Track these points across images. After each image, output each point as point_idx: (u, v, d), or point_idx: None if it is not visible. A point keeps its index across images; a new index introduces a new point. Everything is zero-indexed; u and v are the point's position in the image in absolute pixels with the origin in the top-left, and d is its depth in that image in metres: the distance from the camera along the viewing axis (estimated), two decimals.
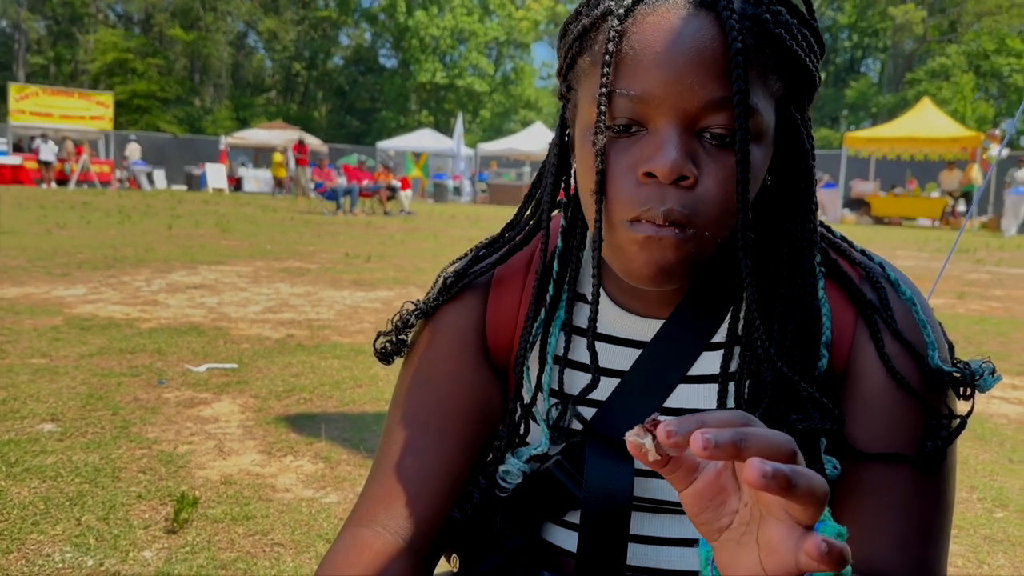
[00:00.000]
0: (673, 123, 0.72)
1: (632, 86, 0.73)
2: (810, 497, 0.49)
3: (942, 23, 41.66)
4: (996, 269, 10.24)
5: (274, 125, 32.48)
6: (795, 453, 0.52)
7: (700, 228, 0.74)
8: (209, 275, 7.21)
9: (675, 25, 0.72)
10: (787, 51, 0.74)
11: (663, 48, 0.71)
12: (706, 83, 0.71)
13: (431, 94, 44.28)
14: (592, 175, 0.77)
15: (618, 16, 0.73)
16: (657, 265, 0.75)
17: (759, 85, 0.73)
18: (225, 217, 14.24)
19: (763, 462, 0.47)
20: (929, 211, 20.31)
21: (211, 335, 4.77)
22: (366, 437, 3.17)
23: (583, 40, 0.79)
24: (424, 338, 0.97)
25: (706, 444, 0.49)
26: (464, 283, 0.95)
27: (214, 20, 42.58)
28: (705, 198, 0.73)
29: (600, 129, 0.74)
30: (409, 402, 0.95)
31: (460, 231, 13.76)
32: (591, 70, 0.78)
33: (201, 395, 3.60)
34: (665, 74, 0.71)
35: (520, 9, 46.78)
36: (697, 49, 0.71)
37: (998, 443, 3.38)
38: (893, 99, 39.18)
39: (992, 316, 6.53)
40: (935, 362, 0.84)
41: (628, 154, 0.75)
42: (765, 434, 0.52)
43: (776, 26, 0.73)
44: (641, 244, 0.75)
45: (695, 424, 0.51)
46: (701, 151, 0.74)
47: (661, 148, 0.72)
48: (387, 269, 8.22)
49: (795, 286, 0.83)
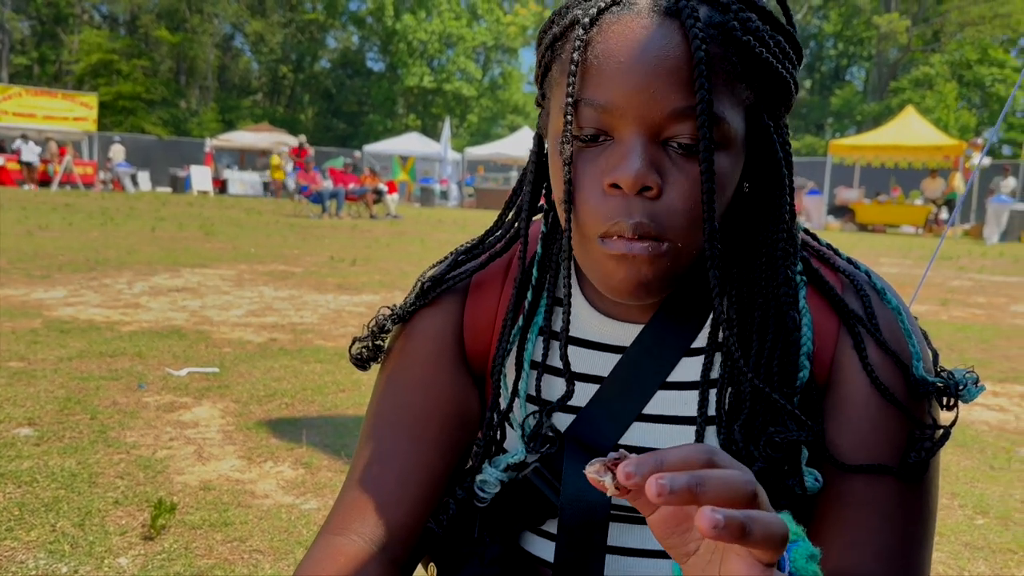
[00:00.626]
0: (637, 133, 0.72)
1: (597, 96, 0.72)
2: (767, 543, 0.49)
3: (926, 33, 42.04)
4: (978, 276, 10.32)
5: (260, 128, 32.38)
6: (755, 496, 0.52)
7: (673, 240, 0.74)
8: (192, 278, 7.16)
9: (639, 34, 0.71)
10: (757, 58, 0.73)
11: (627, 57, 0.71)
12: (670, 92, 0.70)
13: (418, 98, 44.25)
14: (561, 185, 0.76)
15: (583, 25, 0.73)
16: (634, 282, 0.75)
17: (726, 93, 0.72)
18: (209, 220, 14.17)
19: (715, 512, 0.47)
20: (913, 218, 20.46)
21: (193, 339, 4.73)
22: (348, 443, 3.14)
23: (554, 48, 0.79)
24: (401, 343, 0.96)
25: (660, 491, 0.48)
26: (442, 288, 0.94)
27: (200, 22, 42.39)
28: (672, 208, 0.73)
29: (567, 139, 0.74)
30: (386, 408, 0.94)
31: (447, 235, 13.74)
32: (560, 79, 0.77)
33: (181, 399, 3.56)
34: (629, 83, 0.71)
35: (508, 14, 46.87)
36: (660, 58, 0.70)
37: (979, 450, 3.40)
38: (877, 107, 39.48)
39: (974, 323, 6.58)
40: (919, 372, 0.83)
41: (595, 164, 0.75)
42: (723, 477, 0.51)
43: (744, 33, 0.72)
44: (617, 261, 0.74)
45: (653, 466, 0.51)
46: (667, 161, 0.73)
47: (625, 158, 0.72)
48: (372, 273, 8.19)
49: (771, 295, 0.82)
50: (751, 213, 0.84)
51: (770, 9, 0.78)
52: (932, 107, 34.31)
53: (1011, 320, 6.83)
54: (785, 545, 0.51)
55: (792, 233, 0.83)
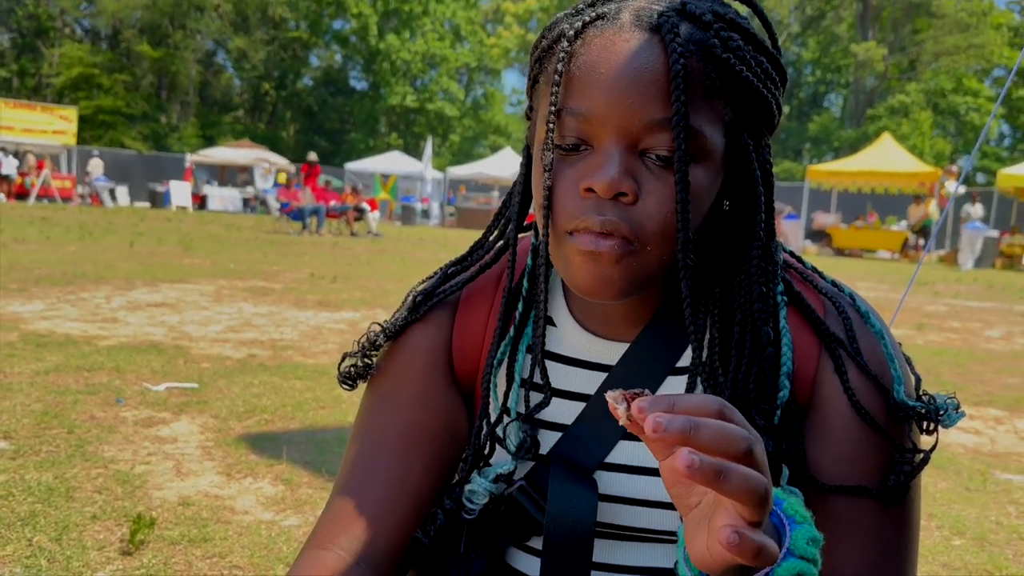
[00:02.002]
0: (615, 141, 0.73)
1: (578, 105, 0.74)
2: (745, 495, 0.51)
3: (902, 61, 42.76)
4: (953, 301, 10.46)
5: (241, 144, 32.26)
6: (749, 451, 0.53)
7: (643, 243, 0.75)
8: (170, 293, 7.11)
9: (620, 47, 0.73)
10: (736, 76, 0.75)
11: (607, 69, 0.73)
12: (648, 104, 0.72)
13: (401, 117, 44.33)
14: (540, 190, 0.78)
15: (568, 38, 0.75)
16: (600, 278, 0.76)
17: (703, 108, 0.74)
18: (188, 235, 14.07)
19: (692, 453, 0.49)
20: (889, 244, 20.70)
21: (171, 354, 4.69)
22: (328, 459, 3.12)
23: (542, 61, 0.81)
24: (390, 357, 0.96)
25: (656, 427, 0.51)
26: (433, 303, 0.95)
27: (183, 38, 42.31)
28: (646, 214, 0.74)
29: (548, 146, 0.76)
30: (374, 422, 0.94)
31: (428, 254, 13.74)
32: (545, 90, 0.79)
33: (160, 415, 3.53)
34: (608, 94, 0.72)
35: (491, 36, 47.18)
36: (640, 70, 0.72)
37: (955, 472, 3.43)
38: (854, 134, 40.01)
39: (950, 347, 6.66)
40: (900, 396, 0.84)
41: (573, 170, 0.76)
42: (720, 427, 0.53)
43: (724, 51, 0.74)
44: (583, 256, 0.76)
45: (665, 407, 0.53)
46: (644, 170, 0.74)
47: (602, 165, 0.73)
48: (353, 290, 8.17)
49: (748, 312, 0.83)
50: (731, 231, 0.85)
51: (754, 31, 0.80)
52: (908, 134, 34.84)
53: (985, 345, 6.92)
54: (768, 505, 0.53)
55: (768, 251, 0.84)
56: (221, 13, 43.90)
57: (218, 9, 43.63)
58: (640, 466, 0.89)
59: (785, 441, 0.85)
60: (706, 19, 0.74)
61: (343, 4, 41.09)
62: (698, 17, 0.74)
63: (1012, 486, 3.29)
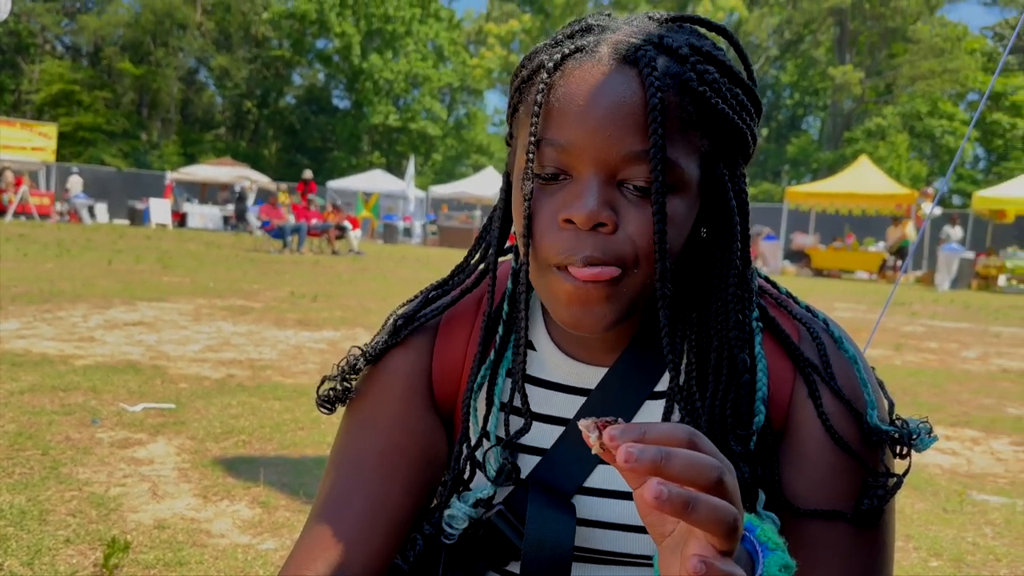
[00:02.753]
0: (594, 172, 0.74)
1: (557, 136, 0.75)
2: (714, 525, 0.52)
3: (879, 85, 43.40)
4: (930, 322, 10.56)
5: (222, 162, 32.17)
6: (719, 480, 0.54)
7: (627, 267, 0.76)
8: (149, 312, 7.05)
9: (599, 80, 0.74)
10: (712, 109, 0.76)
11: (586, 101, 0.74)
12: (625, 136, 0.73)
13: (383, 136, 44.37)
14: (521, 219, 0.79)
15: (547, 70, 0.76)
16: (587, 314, 0.77)
17: (680, 140, 0.75)
18: (167, 253, 13.98)
19: (661, 483, 0.50)
20: (867, 264, 20.89)
21: (148, 374, 4.64)
22: (306, 482, 3.10)
23: (522, 91, 0.82)
24: (370, 381, 0.95)
25: (627, 457, 0.52)
26: (413, 327, 0.95)
27: (165, 55, 42.18)
28: (625, 242, 0.75)
29: (528, 175, 0.77)
30: (352, 446, 0.93)
31: (410, 272, 13.72)
32: (525, 119, 0.81)
33: (136, 436, 3.49)
34: (587, 126, 0.73)
35: (474, 57, 47.43)
36: (617, 103, 0.73)
37: (932, 493, 3.46)
38: (832, 156, 40.48)
39: (927, 368, 6.72)
40: (873, 421, 0.85)
41: (553, 200, 0.77)
42: (690, 457, 0.53)
43: (700, 84, 0.75)
44: (570, 294, 0.77)
45: (636, 436, 0.54)
46: (623, 200, 0.76)
47: (581, 196, 0.74)
48: (334, 309, 8.14)
49: (724, 339, 0.84)
50: (708, 258, 0.86)
51: (730, 63, 0.81)
52: (885, 156, 35.30)
53: (962, 365, 6.99)
54: (737, 535, 0.53)
55: (744, 278, 0.85)
56: (203, 31, 43.88)
57: (200, 27, 43.62)
58: (618, 490, 0.90)
59: (761, 466, 0.85)
60: (683, 52, 0.76)
61: (326, 24, 41.19)
62: (675, 50, 0.76)
63: (988, 507, 3.31)
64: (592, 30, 0.81)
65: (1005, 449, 4.24)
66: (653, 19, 0.83)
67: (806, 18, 44.25)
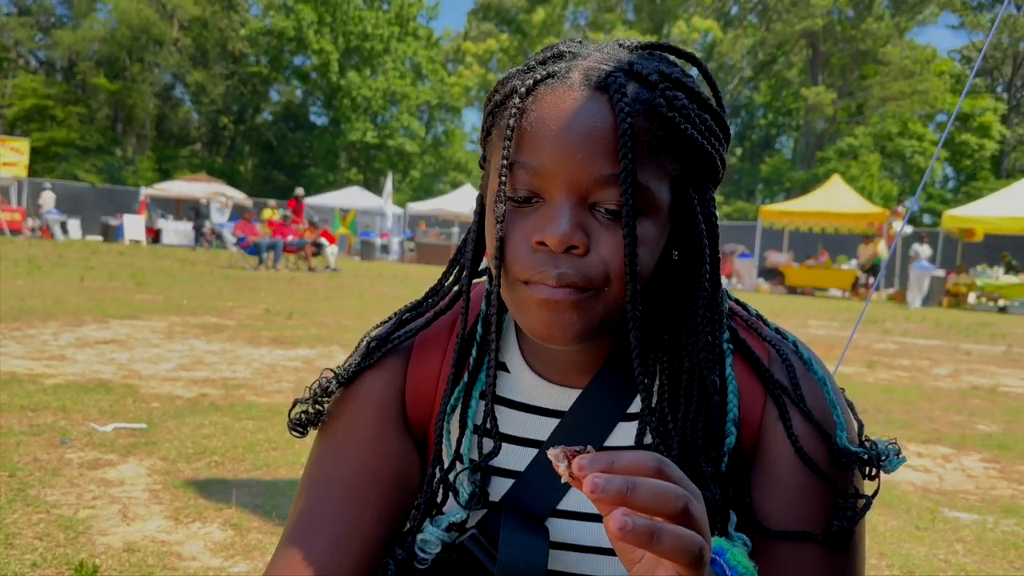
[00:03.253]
0: (566, 196, 0.76)
1: (530, 159, 0.76)
2: (679, 555, 0.53)
3: (851, 106, 44.07)
4: (902, 340, 10.68)
5: (197, 178, 31.95)
6: (685, 510, 0.55)
7: (598, 287, 0.77)
8: (121, 330, 6.96)
9: (570, 105, 0.76)
10: (681, 134, 0.77)
11: (558, 126, 0.75)
12: (596, 160, 0.74)
13: (361, 153, 44.33)
14: (494, 241, 0.80)
15: (520, 95, 0.78)
16: (556, 324, 0.78)
17: (650, 165, 0.76)
18: (141, 270, 13.84)
19: (625, 515, 0.51)
20: (840, 282, 21.13)
21: (120, 393, 4.58)
22: (279, 503, 3.07)
23: (495, 115, 0.84)
24: (342, 404, 0.95)
25: (594, 488, 0.53)
26: (387, 349, 0.95)
27: (141, 71, 41.94)
28: (597, 265, 0.76)
29: (501, 198, 0.78)
30: (324, 469, 0.93)
31: (387, 289, 13.67)
32: (498, 143, 0.82)
33: (106, 456, 3.44)
34: (559, 150, 0.75)
35: (452, 75, 47.60)
36: (588, 129, 0.74)
37: (905, 510, 3.48)
38: (805, 175, 40.96)
39: (899, 385, 6.79)
40: (843, 442, 0.85)
41: (526, 222, 0.78)
42: (656, 487, 0.54)
43: (669, 110, 0.77)
44: (540, 304, 0.78)
45: (604, 466, 0.55)
46: (594, 223, 0.77)
47: (553, 219, 0.75)
48: (309, 327, 8.08)
49: (695, 361, 0.85)
50: (679, 280, 0.87)
51: (699, 89, 0.83)
52: (857, 176, 35.79)
53: (934, 383, 7.07)
54: (703, 563, 0.54)
55: (714, 300, 0.86)
56: (180, 47, 43.71)
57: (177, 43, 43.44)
58: (592, 513, 0.90)
59: (732, 487, 0.86)
60: (652, 79, 0.77)
61: (304, 41, 41.17)
62: (644, 77, 0.77)
63: (960, 524, 3.34)
64: (564, 56, 0.82)
65: (976, 466, 4.28)
66: (624, 47, 0.84)
67: (779, 40, 44.89)
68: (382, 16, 42.79)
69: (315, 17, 40.97)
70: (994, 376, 7.70)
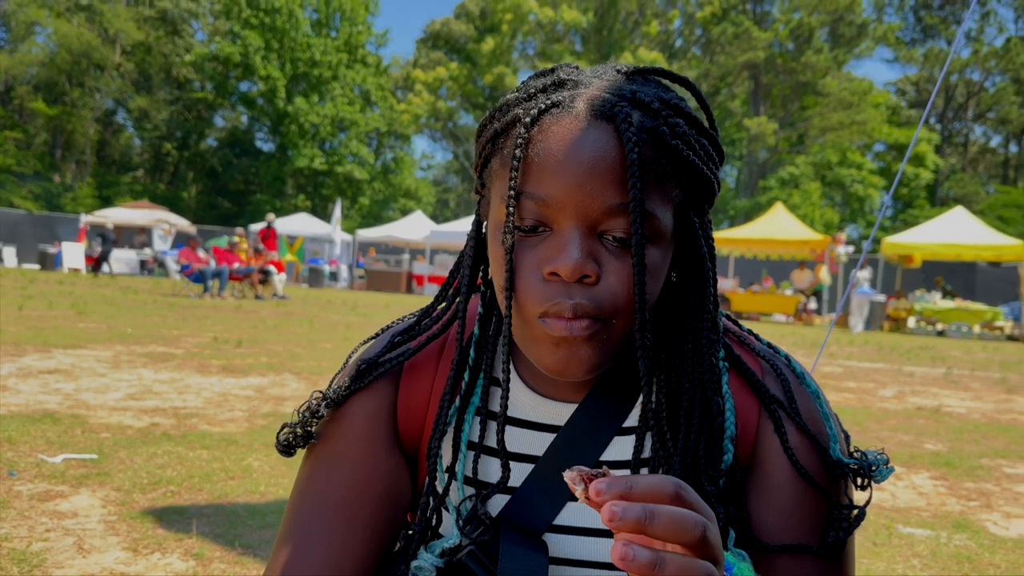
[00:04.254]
0: (576, 225, 0.76)
1: (538, 190, 0.76)
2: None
3: (791, 136, 45.31)
4: (847, 363, 10.93)
5: (140, 204, 31.33)
6: (703, 539, 0.55)
7: (610, 318, 0.77)
8: (65, 359, 6.76)
9: (577, 135, 0.76)
10: (684, 161, 0.79)
11: (566, 156, 0.75)
12: (605, 190, 0.75)
13: (309, 179, 43.97)
14: (502, 272, 0.80)
15: (525, 124, 0.77)
16: (575, 361, 0.78)
17: (656, 192, 0.77)
18: (82, 298, 13.46)
19: (627, 545, 0.53)
20: (784, 307, 21.58)
21: (67, 423, 4.44)
22: (241, 532, 3.00)
23: (495, 143, 0.83)
24: (332, 423, 0.94)
25: (612, 517, 0.53)
26: (380, 372, 0.94)
27: (81, 96, 41.12)
28: (609, 293, 0.77)
29: (509, 229, 0.78)
30: (314, 488, 0.92)
31: (337, 316, 13.52)
32: (501, 172, 0.81)
33: (57, 488, 3.32)
34: (568, 180, 0.75)
35: (402, 103, 47.67)
36: (597, 159, 0.75)
37: (862, 528, 3.55)
38: (749, 203, 41.89)
39: (847, 407, 6.94)
40: (836, 454, 0.87)
41: (535, 252, 0.79)
42: (673, 515, 0.55)
43: (673, 138, 0.78)
44: (556, 342, 0.78)
45: (622, 491, 0.55)
46: (604, 251, 0.77)
47: (564, 249, 0.76)
48: (259, 355, 7.95)
49: (697, 382, 0.86)
50: (677, 301, 0.88)
51: (695, 114, 0.85)
52: (799, 204, 36.73)
53: (880, 404, 7.24)
54: None
55: (715, 322, 0.88)
56: (122, 72, 43.00)
57: (119, 68, 42.73)
58: (590, 527, 0.91)
59: (731, 504, 0.87)
60: (655, 107, 0.78)
61: (251, 67, 40.83)
62: (647, 105, 0.78)
63: (915, 539, 3.42)
64: (565, 84, 0.82)
65: (926, 483, 4.39)
66: (621, 72, 0.85)
67: (722, 72, 46.04)
68: (330, 43, 42.74)
69: (262, 43, 40.70)
70: (937, 397, 7.92)
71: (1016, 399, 8.07)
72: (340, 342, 9.50)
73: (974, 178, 45.57)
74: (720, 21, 46.25)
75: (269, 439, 4.34)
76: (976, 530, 3.59)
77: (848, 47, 45.14)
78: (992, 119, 46.12)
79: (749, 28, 44.54)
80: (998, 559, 3.23)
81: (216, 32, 44.25)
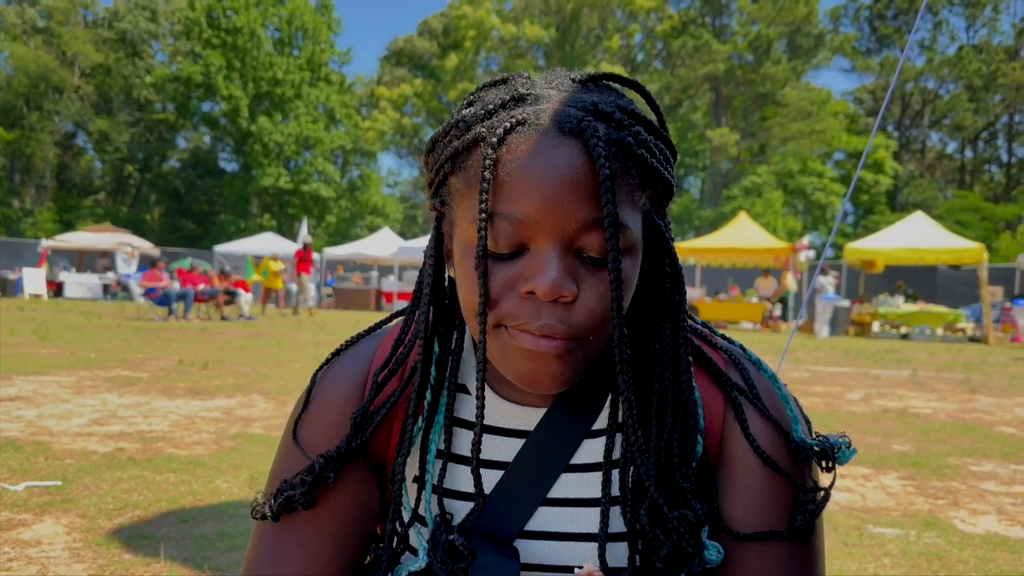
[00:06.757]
0: (552, 244, 0.76)
1: (512, 210, 0.75)
2: None
3: (753, 146, 45.94)
4: (814, 368, 11.05)
5: (102, 228, 30.84)
6: None
7: (584, 336, 0.77)
8: (26, 386, 6.62)
9: (547, 152, 0.75)
10: (649, 168, 0.79)
11: (539, 175, 0.75)
12: (580, 206, 0.75)
13: (274, 198, 43.65)
14: (475, 293, 0.79)
15: (492, 145, 0.76)
16: (547, 374, 0.78)
17: (627, 203, 0.78)
18: (44, 324, 13.21)
19: None
20: (750, 315, 21.78)
21: (30, 450, 4.34)
22: (210, 555, 2.94)
23: (455, 161, 0.81)
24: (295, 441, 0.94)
25: None
26: (378, 420, 0.92)
27: (40, 119, 40.53)
28: (585, 311, 0.77)
29: (481, 252, 0.76)
30: None
31: (306, 336, 13.40)
32: (466, 192, 0.80)
33: (20, 516, 3.25)
34: (543, 199, 0.74)
35: (367, 120, 47.58)
36: (569, 176, 0.74)
37: (832, 528, 3.58)
38: (713, 213, 42.33)
39: (815, 411, 7.01)
40: (799, 435, 0.89)
41: (510, 271, 0.78)
42: None
43: (638, 147, 0.78)
44: (523, 353, 0.77)
45: None
46: (580, 268, 0.77)
47: (542, 269, 0.75)
48: (226, 376, 7.85)
49: (672, 380, 0.86)
50: (643, 302, 0.89)
51: (649, 118, 0.85)
52: (762, 213, 37.19)
53: (847, 407, 7.33)
54: None
55: (685, 322, 0.89)
56: (82, 95, 42.47)
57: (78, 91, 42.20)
58: (561, 532, 0.90)
59: (703, 499, 0.88)
60: (617, 117, 0.78)
61: (213, 87, 40.52)
62: (610, 115, 0.78)
63: (885, 539, 3.46)
64: (526, 99, 0.81)
65: (894, 483, 4.45)
66: (575, 81, 0.85)
67: (684, 84, 46.60)
68: (293, 62, 42.58)
69: (224, 63, 40.43)
70: (903, 399, 8.03)
71: (979, 399, 8.21)
72: (309, 360, 9.41)
73: (932, 183, 46.50)
74: (680, 35, 46.86)
75: (237, 461, 4.28)
76: (944, 528, 3.64)
77: (806, 57, 45.95)
78: (948, 125, 47.16)
79: (708, 41, 45.18)
80: (966, 555, 3.27)
81: (177, 52, 43.92)
